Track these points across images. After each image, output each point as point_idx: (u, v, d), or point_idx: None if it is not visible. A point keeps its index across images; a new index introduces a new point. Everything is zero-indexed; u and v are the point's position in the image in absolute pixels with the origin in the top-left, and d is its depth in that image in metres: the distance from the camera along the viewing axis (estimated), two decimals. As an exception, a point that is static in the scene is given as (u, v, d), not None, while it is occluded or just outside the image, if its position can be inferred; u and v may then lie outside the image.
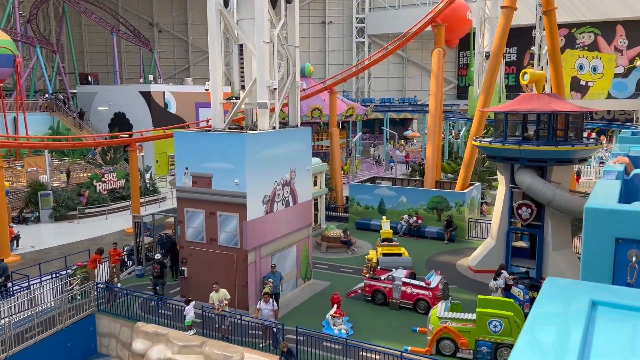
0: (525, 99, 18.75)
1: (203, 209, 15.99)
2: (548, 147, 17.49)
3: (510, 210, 19.32)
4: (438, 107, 27.69)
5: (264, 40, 15.84)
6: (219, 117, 16.98)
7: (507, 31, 24.76)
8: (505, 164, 19.05)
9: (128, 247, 20.43)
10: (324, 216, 26.78)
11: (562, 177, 18.42)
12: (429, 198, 25.12)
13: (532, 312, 1.79)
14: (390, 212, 26.03)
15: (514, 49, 67.69)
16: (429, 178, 26.69)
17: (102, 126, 44.21)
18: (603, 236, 2.52)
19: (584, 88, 63.18)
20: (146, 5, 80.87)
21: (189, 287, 16.63)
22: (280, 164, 16.72)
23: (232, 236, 15.65)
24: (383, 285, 16.70)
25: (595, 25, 61.64)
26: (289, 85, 17.64)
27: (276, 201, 16.64)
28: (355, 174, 41.18)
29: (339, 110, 38.37)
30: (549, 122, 17.77)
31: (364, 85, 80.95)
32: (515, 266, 19.51)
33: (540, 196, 17.75)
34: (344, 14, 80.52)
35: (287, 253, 17.49)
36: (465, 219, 24.51)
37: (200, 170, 15.83)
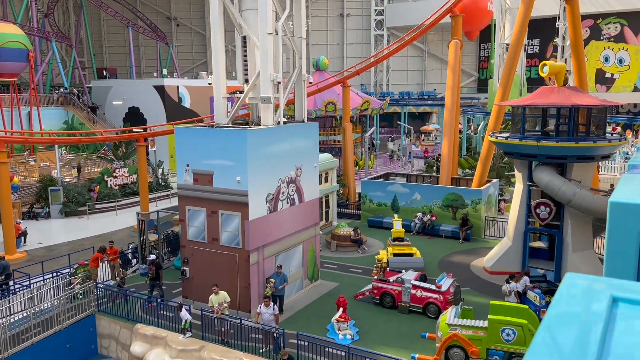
0: (544, 93, 17.77)
1: (204, 207, 15.46)
2: (568, 143, 16.51)
3: (527, 209, 18.42)
4: (455, 101, 26.73)
5: (268, 32, 15.18)
6: (222, 112, 16.41)
7: (527, 21, 23.66)
8: (522, 160, 18.13)
9: (133, 245, 20.06)
10: (335, 213, 26.12)
11: (583, 174, 17.43)
12: (443, 195, 24.26)
13: (550, 309, 1.72)
14: (403, 209, 25.26)
15: (536, 41, 65.87)
16: (445, 174, 25.80)
17: (117, 120, 44.16)
18: (627, 231, 2.36)
19: (609, 81, 61.14)
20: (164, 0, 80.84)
21: (191, 287, 16.15)
22: (285, 160, 16.09)
23: (234, 236, 15.09)
24: (392, 288, 15.99)
25: (621, 15, 59.48)
26: (294, 78, 16.96)
27: (280, 199, 16.02)
28: (370, 170, 40.40)
29: (354, 104, 37.59)
30: (570, 117, 16.77)
31: (382, 79, 79.76)
32: (532, 267, 18.60)
33: (559, 195, 16.82)
34: (362, 7, 79.32)
35: (292, 253, 16.88)
36: (481, 217, 23.60)
37: (201, 167, 15.28)
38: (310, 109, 37.06)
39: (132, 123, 41.10)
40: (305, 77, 17.17)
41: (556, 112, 17.56)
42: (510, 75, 23.36)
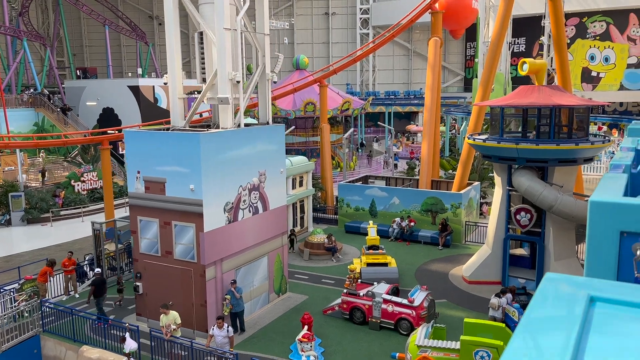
0: (524, 92, 16.76)
1: (157, 218, 14.25)
2: (549, 145, 15.52)
3: (507, 215, 17.41)
4: (435, 100, 25.70)
5: (225, 27, 14.01)
6: (178, 114, 15.22)
7: (508, 19, 22.69)
8: (502, 164, 17.11)
9: (89, 257, 18.79)
10: (310, 219, 24.98)
11: (565, 178, 16.45)
12: (422, 199, 23.21)
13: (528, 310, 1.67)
14: (382, 214, 24.20)
15: (522, 40, 65.15)
16: (424, 177, 24.75)
17: (91, 122, 42.70)
18: (608, 230, 2.36)
19: (595, 79, 60.57)
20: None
21: (144, 304, 14.94)
22: (246, 166, 14.92)
23: (189, 249, 13.90)
24: (362, 302, 14.88)
25: (607, 13, 58.92)
26: (257, 77, 15.79)
27: (241, 208, 14.85)
28: (352, 171, 39.33)
29: (334, 104, 36.51)
30: (550, 118, 15.77)
31: (368, 78, 78.78)
32: (513, 277, 17.61)
33: (540, 201, 15.81)
34: (347, 5, 78.27)
35: (256, 265, 15.71)
36: (462, 222, 22.57)
37: (153, 174, 14.07)
38: (289, 109, 35.94)
39: (106, 124, 39.68)
40: (270, 76, 15.99)
41: (537, 112, 16.58)
42: (491, 74, 22.37)
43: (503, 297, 14.28)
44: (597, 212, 2.46)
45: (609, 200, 2.45)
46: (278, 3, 76.98)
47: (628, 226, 2.36)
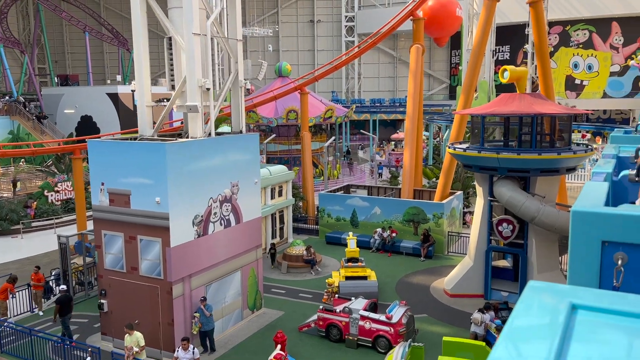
0: (505, 100, 16.35)
1: (122, 232, 13.53)
2: (530, 155, 15.09)
3: (489, 226, 16.94)
4: (416, 108, 25.28)
5: (194, 32, 13.40)
6: (146, 122, 14.55)
7: (489, 26, 22.40)
8: (483, 174, 16.66)
9: (56, 272, 17.95)
10: (290, 230, 24.33)
11: (548, 189, 16.04)
12: (404, 209, 22.71)
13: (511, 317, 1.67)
14: (363, 224, 23.66)
15: (506, 47, 65.30)
16: (406, 187, 24.26)
17: (69, 130, 41.71)
18: (590, 239, 2.39)
19: (579, 87, 60.82)
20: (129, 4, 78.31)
21: (110, 323, 14.17)
22: (217, 177, 14.27)
23: (155, 265, 13.19)
24: (338, 319, 14.25)
25: (590, 22, 59.26)
26: (229, 84, 15.18)
27: (212, 221, 14.18)
28: (335, 180, 38.77)
29: (316, 112, 36.00)
30: (532, 126, 15.36)
31: (354, 86, 78.56)
32: (495, 290, 17.12)
33: (522, 212, 15.37)
34: (332, 13, 78.10)
35: (228, 281, 15.03)
36: (444, 233, 22.08)
37: (117, 186, 13.37)
38: (271, 117, 35.36)
39: (84, 132, 38.74)
40: (243, 83, 15.39)
41: (518, 121, 16.17)
42: (473, 81, 22.02)
43: (487, 313, 13.75)
44: (579, 221, 2.45)
45: (590, 210, 2.43)
46: (263, 10, 76.64)
47: (609, 236, 2.35)
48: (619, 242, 2.37)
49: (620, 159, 5.13)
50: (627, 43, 57.94)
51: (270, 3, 76.80)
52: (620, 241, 2.35)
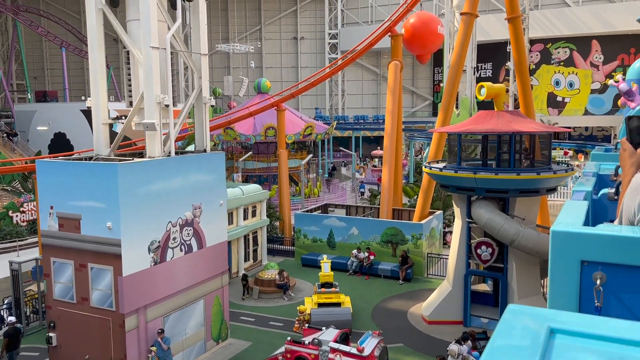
0: (482, 117, 15.73)
1: (72, 259, 12.53)
2: (508, 175, 14.41)
3: (468, 249, 16.18)
4: (395, 126, 24.65)
5: (151, 45, 12.59)
6: (102, 141, 13.65)
7: (468, 41, 21.91)
8: (460, 194, 15.95)
9: (8, 300, 16.77)
10: (265, 252, 23.37)
11: (528, 210, 15.36)
12: (382, 230, 21.91)
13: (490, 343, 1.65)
14: (340, 245, 22.80)
15: (489, 65, 65.62)
16: (385, 206, 23.47)
17: (42, 147, 40.47)
18: (569, 259, 2.40)
19: (560, 104, 61.12)
20: (110, 21, 77.48)
21: (59, 358, 13.06)
22: (177, 199, 13.36)
23: (106, 295, 12.18)
24: (307, 352, 13.30)
25: (570, 40, 59.78)
26: (192, 100, 14.36)
27: (171, 247, 13.23)
28: (316, 198, 37.95)
29: (296, 128, 35.28)
30: (510, 145, 14.72)
31: (337, 103, 78.28)
32: (475, 316, 16.31)
33: (500, 234, 14.65)
34: (316, 30, 78.03)
35: (190, 311, 14.03)
36: (423, 254, 21.30)
37: (67, 210, 12.40)
38: (249, 134, 34.55)
39: (58, 150, 37.54)
40: (207, 99, 14.57)
41: (497, 139, 15.55)
42: (451, 98, 21.47)
43: (464, 344, 12.92)
44: (558, 241, 2.46)
45: (569, 230, 2.47)
46: (246, 27, 76.32)
47: (588, 255, 2.39)
48: (597, 261, 2.37)
49: (600, 176, 5.11)
50: (607, 61, 58.48)
51: (253, 20, 76.61)
52: (599, 261, 2.37)
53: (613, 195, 3.57)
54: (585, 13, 57.77)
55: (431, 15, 39.79)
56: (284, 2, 77.36)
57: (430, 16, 38.76)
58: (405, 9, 26.15)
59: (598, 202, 4.21)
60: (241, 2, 75.79)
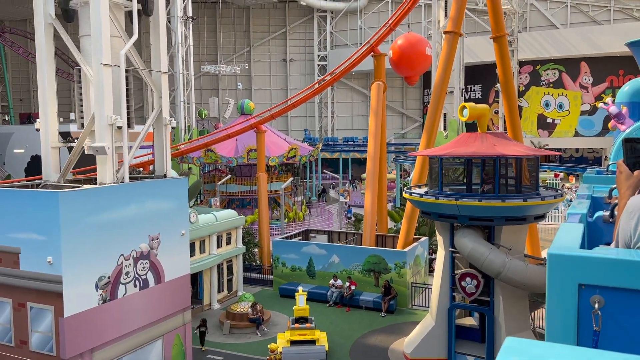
0: (464, 140, 14.76)
1: (10, 297, 11.27)
2: (493, 202, 13.38)
3: (452, 281, 15.03)
4: (378, 148, 23.69)
5: (103, 62, 11.58)
6: (51, 166, 12.55)
7: (452, 60, 21.14)
8: (443, 222, 14.87)
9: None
10: (241, 281, 22.10)
11: (515, 239, 14.29)
12: (364, 258, 20.76)
13: None
14: (320, 274, 21.60)
15: (478, 86, 65.36)
16: (367, 232, 22.34)
17: (18, 171, 39.20)
18: (566, 283, 2.39)
19: (551, 126, 60.72)
20: (98, 42, 76.89)
21: (-6, 409, 11.70)
22: (131, 230, 12.19)
23: (47, 338, 10.91)
24: (273, 398, 12.03)
25: (559, 62, 59.69)
26: (151, 122, 13.30)
27: (123, 283, 12.01)
28: (301, 222, 36.76)
29: (280, 150, 34.32)
30: (494, 170, 13.72)
31: (327, 124, 77.70)
32: (460, 354, 15.09)
33: (485, 266, 13.54)
34: (305, 52, 77.81)
35: (146, 352, 12.74)
36: (407, 284, 20.13)
37: (5, 242, 11.19)
38: (230, 157, 33.50)
39: (35, 173, 36.26)
40: (168, 121, 13.52)
41: (481, 163, 14.57)
42: (435, 119, 20.56)
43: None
44: (555, 264, 2.43)
45: (566, 253, 2.43)
46: (235, 49, 75.95)
47: (586, 279, 2.35)
48: (595, 285, 2.34)
49: (594, 199, 5.15)
50: (596, 83, 58.31)
51: (242, 41, 76.33)
52: (597, 284, 2.34)
53: (608, 218, 3.54)
54: (573, 35, 57.79)
55: (419, 36, 39.26)
56: (273, 24, 77.27)
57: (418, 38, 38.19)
58: (387, 29, 25.48)
59: (593, 224, 4.21)
60: (230, 24, 75.65)
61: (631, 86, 17.29)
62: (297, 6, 73.53)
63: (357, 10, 71.88)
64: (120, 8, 12.58)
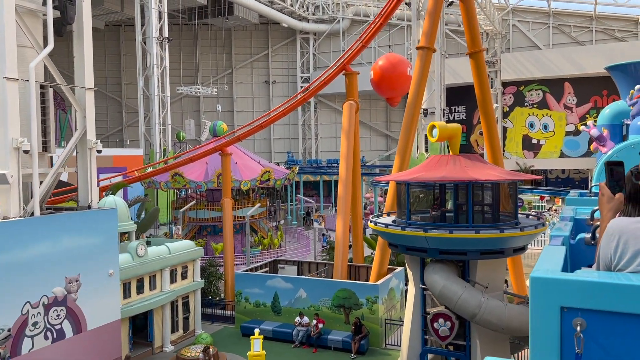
0: (435, 163, 13.19)
1: None
2: (466, 234, 11.73)
3: (423, 322, 13.29)
4: (350, 171, 22.09)
5: (6, 76, 9.91)
6: (-50, 197, 10.71)
7: (425, 77, 19.72)
8: (412, 255, 13.19)
9: None
10: (199, 319, 20.12)
11: (493, 275, 12.62)
12: (333, 292, 18.95)
13: None
14: (286, 310, 19.72)
15: (462, 108, 64.53)
16: (339, 263, 20.56)
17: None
18: (549, 306, 2.43)
19: (536, 147, 59.82)
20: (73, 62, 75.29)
21: None
22: (41, 272, 10.39)
23: None
24: None
25: (543, 82, 59.13)
26: (73, 144, 11.59)
27: (29, 335, 10.14)
28: (276, 249, 34.86)
29: (252, 174, 32.64)
30: (467, 196, 12.12)
31: (311, 146, 76.39)
32: (435, 406, 13.26)
33: (458, 307, 11.84)
34: (288, 74, 76.91)
35: (59, 415, 10.79)
36: (380, 321, 18.31)
37: None
38: (200, 181, 31.73)
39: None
40: (93, 143, 11.81)
41: (454, 189, 12.98)
42: (408, 141, 19.10)
43: None
44: (537, 288, 2.47)
45: (548, 276, 2.48)
46: (217, 71, 74.79)
47: (568, 302, 2.38)
48: (577, 307, 2.36)
49: (577, 221, 5.11)
50: (580, 103, 57.70)
51: (222, 63, 75.27)
52: (579, 307, 2.35)
53: (590, 240, 3.62)
54: (556, 55, 57.35)
55: (400, 57, 38.18)
56: (255, 45, 76.47)
57: (399, 58, 37.08)
58: (359, 45, 24.14)
59: (576, 246, 4.30)
60: (212, 46, 74.62)
61: (611, 109, 17.42)
62: (279, 28, 72.81)
63: (339, 32, 71.30)
64: (34, 15, 10.99)
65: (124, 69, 75.92)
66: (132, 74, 73.03)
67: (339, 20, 70.89)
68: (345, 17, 71.04)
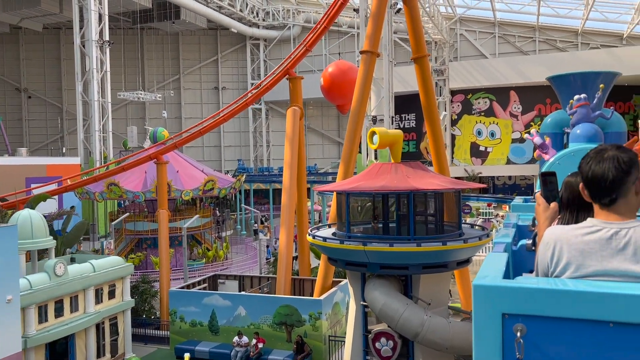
0: (375, 171, 12.38)
1: None
2: (405, 247, 10.93)
3: (365, 342, 12.40)
4: (294, 179, 21.11)
5: None
6: None
7: (369, 82, 19.09)
8: (352, 271, 12.30)
9: None
10: (129, 342, 18.54)
11: (436, 290, 11.89)
12: (275, 309, 17.84)
13: None
14: (225, 330, 18.46)
15: (412, 115, 64.91)
16: (282, 277, 19.49)
17: None
18: (490, 313, 2.47)
19: (483, 154, 60.80)
20: (13, 69, 71.29)
21: None
22: None
23: None
24: None
25: (489, 91, 60.25)
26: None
27: None
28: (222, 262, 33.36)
29: (195, 183, 31.15)
30: (408, 207, 11.35)
31: (262, 154, 75.07)
32: None
33: (400, 326, 11.03)
34: (238, 80, 75.39)
35: None
36: (323, 338, 17.32)
37: None
38: (137, 191, 29.97)
39: None
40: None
41: (396, 199, 12.22)
42: (352, 148, 18.31)
43: None
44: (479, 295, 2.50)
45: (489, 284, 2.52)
46: (164, 77, 72.45)
47: (508, 308, 2.43)
48: (517, 314, 2.40)
49: (520, 227, 5.19)
50: (526, 111, 59.08)
51: (169, 69, 72.97)
52: (519, 313, 2.40)
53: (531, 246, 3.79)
54: (502, 64, 58.58)
55: (350, 64, 37.65)
56: (204, 51, 74.68)
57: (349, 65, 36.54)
58: (303, 49, 23.27)
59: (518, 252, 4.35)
60: (159, 51, 72.23)
61: (553, 118, 17.91)
62: (229, 33, 71.36)
63: (290, 38, 70.50)
64: None
65: (65, 74, 72.24)
66: (73, 78, 69.58)
67: (290, 27, 70.14)
68: (296, 24, 70.35)
